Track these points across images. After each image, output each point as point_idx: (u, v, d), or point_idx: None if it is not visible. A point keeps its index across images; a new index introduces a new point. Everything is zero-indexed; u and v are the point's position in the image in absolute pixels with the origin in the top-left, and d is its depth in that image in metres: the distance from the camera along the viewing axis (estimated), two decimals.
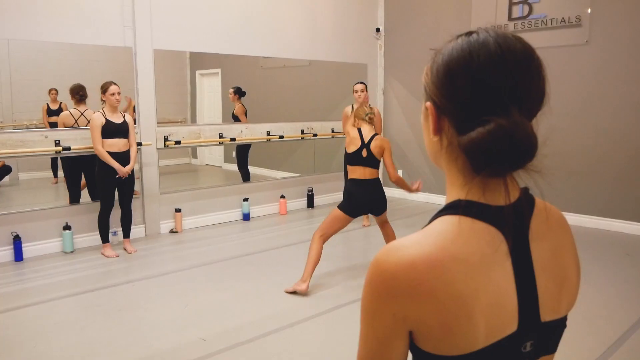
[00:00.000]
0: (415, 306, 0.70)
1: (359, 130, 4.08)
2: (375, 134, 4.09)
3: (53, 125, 5.19)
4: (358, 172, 4.03)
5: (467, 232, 0.72)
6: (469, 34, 0.77)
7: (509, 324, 0.74)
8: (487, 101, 0.71)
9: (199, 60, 6.66)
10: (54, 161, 5.57)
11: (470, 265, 0.71)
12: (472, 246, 0.72)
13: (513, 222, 0.74)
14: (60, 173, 5.62)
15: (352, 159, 4.05)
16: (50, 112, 5.38)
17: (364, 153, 4.01)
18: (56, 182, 5.73)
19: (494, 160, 0.70)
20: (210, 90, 7.00)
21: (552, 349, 0.83)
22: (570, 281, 0.82)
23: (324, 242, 3.90)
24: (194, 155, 7.42)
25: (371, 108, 5.72)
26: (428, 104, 0.79)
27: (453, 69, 0.74)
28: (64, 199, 5.29)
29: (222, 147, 6.98)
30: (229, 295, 3.85)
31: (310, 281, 3.96)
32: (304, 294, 3.79)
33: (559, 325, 0.82)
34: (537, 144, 0.70)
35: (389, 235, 4.23)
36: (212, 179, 7.37)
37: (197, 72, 6.88)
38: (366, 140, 4.02)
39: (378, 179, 4.10)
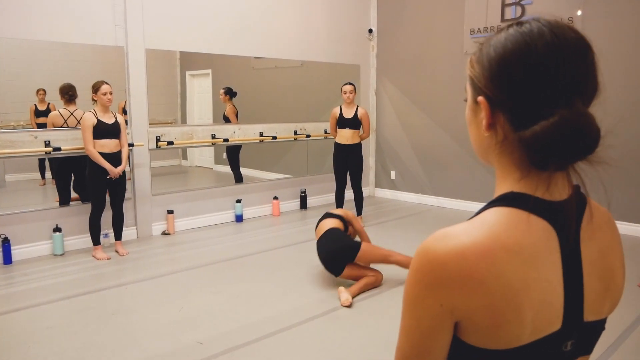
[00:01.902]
0: (465, 296, 0.68)
1: None
2: None
3: (41, 126, 5.10)
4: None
5: (521, 224, 0.71)
6: (520, 24, 0.74)
7: (554, 322, 0.72)
8: (548, 93, 0.69)
9: (189, 61, 6.60)
10: (41, 162, 5.48)
11: (522, 258, 0.69)
12: (525, 239, 0.70)
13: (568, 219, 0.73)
14: (48, 174, 5.53)
15: None
16: (38, 113, 5.28)
17: None
18: (44, 184, 5.63)
19: (558, 153, 0.68)
20: (200, 91, 6.94)
21: (590, 350, 0.81)
22: (616, 283, 0.81)
23: None
24: (184, 157, 7.35)
25: (359, 108, 5.76)
26: (481, 98, 0.75)
27: (510, 61, 0.71)
28: (52, 200, 5.20)
29: (212, 148, 6.93)
30: (225, 298, 3.80)
31: (307, 282, 3.94)
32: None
33: (599, 326, 0.81)
34: (600, 135, 0.68)
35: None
36: (204, 180, 7.30)
37: (187, 73, 6.82)
38: None
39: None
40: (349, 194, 6.07)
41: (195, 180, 7.39)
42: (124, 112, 5.36)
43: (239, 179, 6.66)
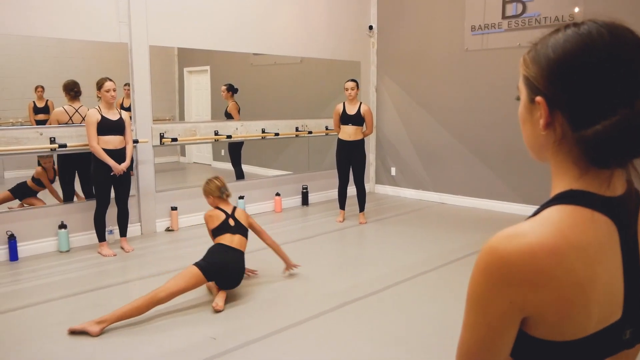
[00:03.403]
0: (535, 293, 0.71)
1: (219, 209, 3.93)
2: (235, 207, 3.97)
3: (39, 123, 5.10)
4: (227, 239, 3.77)
5: (584, 221, 0.73)
6: (577, 25, 0.77)
7: (616, 312, 0.76)
8: (608, 93, 0.71)
9: (188, 58, 6.60)
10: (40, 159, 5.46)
11: (589, 254, 0.72)
12: (589, 235, 0.73)
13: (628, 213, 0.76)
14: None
15: (220, 230, 3.83)
16: (36, 110, 5.26)
17: (231, 222, 3.85)
18: None
19: (620, 151, 0.71)
20: (198, 88, 6.94)
21: None
22: None
23: (156, 304, 3.35)
24: (183, 154, 7.35)
25: (362, 105, 5.78)
26: (539, 98, 0.77)
27: (570, 62, 0.74)
28: (52, 197, 5.17)
29: (210, 145, 6.94)
30: (233, 293, 3.81)
31: (314, 278, 3.97)
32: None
33: None
34: None
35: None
36: (203, 177, 7.23)
37: (185, 70, 6.82)
38: (230, 211, 3.91)
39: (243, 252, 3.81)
40: (351, 190, 6.09)
41: (194, 176, 7.39)
42: (122, 108, 5.34)
43: (240, 175, 6.67)
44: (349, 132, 5.79)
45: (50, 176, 5.21)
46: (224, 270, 3.59)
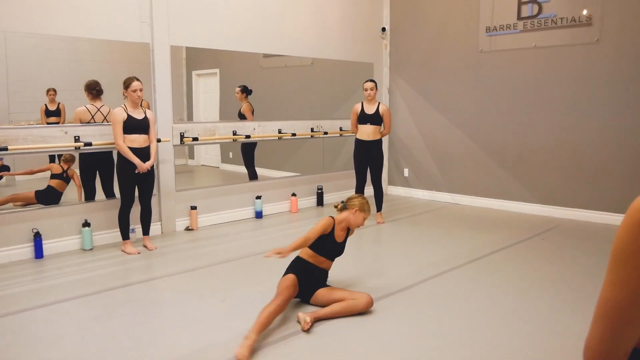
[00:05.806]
0: None
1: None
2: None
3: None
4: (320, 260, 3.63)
5: None
6: None
7: None
8: None
9: (196, 61, 6.62)
10: (52, 159, 5.46)
11: None
12: None
13: None
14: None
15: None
16: (48, 113, 5.27)
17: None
18: None
19: None
20: (206, 91, 6.96)
21: None
22: None
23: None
24: (191, 156, 7.35)
25: (380, 104, 5.82)
26: None
27: None
28: (70, 196, 5.18)
29: (218, 147, 6.95)
30: (265, 290, 3.80)
31: (342, 275, 3.99)
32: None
33: None
34: None
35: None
36: (213, 179, 7.30)
37: (194, 73, 6.84)
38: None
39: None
40: (368, 190, 6.12)
41: (205, 178, 7.38)
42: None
43: (253, 176, 6.68)
44: (367, 132, 5.82)
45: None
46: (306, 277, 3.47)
